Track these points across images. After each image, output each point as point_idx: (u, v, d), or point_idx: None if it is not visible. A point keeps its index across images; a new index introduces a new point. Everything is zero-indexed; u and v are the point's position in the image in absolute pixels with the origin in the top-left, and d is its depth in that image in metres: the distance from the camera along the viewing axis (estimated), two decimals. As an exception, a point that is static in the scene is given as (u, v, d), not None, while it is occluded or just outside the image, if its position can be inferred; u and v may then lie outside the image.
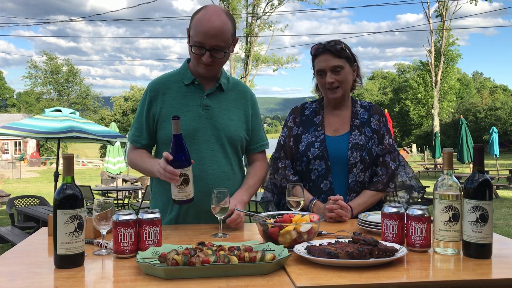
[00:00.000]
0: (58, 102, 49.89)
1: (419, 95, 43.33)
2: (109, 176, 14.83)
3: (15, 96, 66.06)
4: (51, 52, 54.44)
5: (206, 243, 1.43)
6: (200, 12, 1.97)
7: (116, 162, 12.68)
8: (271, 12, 33.15)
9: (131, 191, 13.71)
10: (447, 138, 44.28)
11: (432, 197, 1.58)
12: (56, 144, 8.95)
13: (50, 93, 52.90)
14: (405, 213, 1.57)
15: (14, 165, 28.83)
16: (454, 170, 10.87)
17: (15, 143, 40.43)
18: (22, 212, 7.49)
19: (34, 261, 1.44)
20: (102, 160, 34.01)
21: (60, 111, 8.08)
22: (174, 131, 1.74)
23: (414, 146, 39.76)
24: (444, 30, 35.40)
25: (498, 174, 17.19)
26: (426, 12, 35.36)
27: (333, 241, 1.48)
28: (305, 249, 1.44)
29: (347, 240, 1.48)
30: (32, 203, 8.08)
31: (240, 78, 32.49)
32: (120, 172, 14.10)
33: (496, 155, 16.70)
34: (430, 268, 1.38)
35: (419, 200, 2.25)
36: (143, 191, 11.91)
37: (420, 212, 1.52)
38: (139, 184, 13.61)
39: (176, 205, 1.89)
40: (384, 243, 1.45)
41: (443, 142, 38.29)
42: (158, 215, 1.52)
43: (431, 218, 1.54)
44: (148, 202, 2.62)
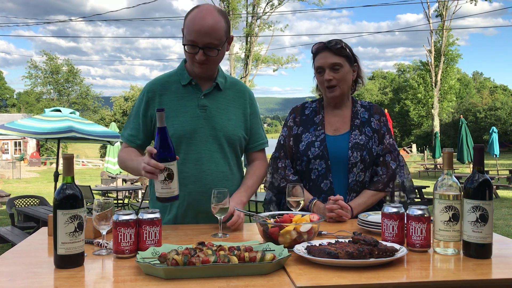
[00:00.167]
0: (58, 102, 49.89)
1: (419, 95, 43.32)
2: (109, 176, 14.83)
3: (15, 96, 66.08)
4: (51, 52, 54.53)
5: (206, 243, 1.43)
6: (193, 11, 1.98)
7: (116, 162, 12.67)
8: (271, 12, 33.16)
9: (131, 191, 13.71)
10: (447, 138, 44.28)
11: (432, 197, 1.57)
12: (56, 144, 8.95)
13: (50, 93, 52.92)
14: (405, 213, 1.57)
15: (14, 165, 28.83)
16: (454, 170, 10.88)
17: (15, 143, 40.43)
18: (22, 212, 7.49)
19: (34, 261, 1.44)
20: (102, 160, 34.01)
21: (59, 111, 8.09)
22: (159, 123, 1.69)
23: (414, 146, 39.77)
24: (444, 30, 35.40)
25: (498, 174, 17.19)
26: (426, 12, 35.36)
27: (333, 241, 1.48)
28: (305, 249, 1.44)
29: (347, 240, 1.48)
30: (32, 203, 8.08)
31: (240, 78, 32.48)
32: (120, 172, 14.10)
33: (496, 155, 16.70)
34: (430, 268, 1.38)
35: (409, 201, 2.24)
36: (143, 191, 11.91)
37: (420, 212, 1.52)
38: (139, 184, 13.62)
39: (160, 203, 1.80)
40: (384, 243, 1.45)
41: (443, 142, 38.31)
42: (158, 215, 1.52)
43: (431, 218, 1.54)
44: (148, 202, 2.62)
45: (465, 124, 16.37)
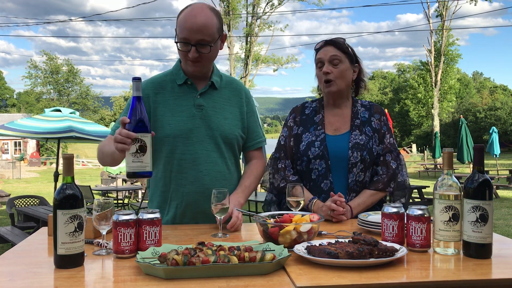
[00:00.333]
0: (58, 102, 49.89)
1: (419, 95, 43.33)
2: (109, 176, 14.84)
3: (15, 96, 66.09)
4: (51, 52, 54.57)
5: (206, 243, 1.43)
6: (185, 9, 1.98)
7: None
8: (271, 12, 33.15)
9: (131, 191, 13.71)
10: (447, 138, 44.28)
11: (432, 197, 1.57)
12: (56, 144, 8.94)
13: (50, 93, 52.94)
14: (405, 213, 1.57)
15: (14, 165, 28.84)
16: (454, 170, 10.88)
17: (15, 143, 40.43)
18: (22, 212, 7.49)
19: (34, 261, 1.44)
20: (102, 160, 33.91)
21: (60, 111, 8.09)
22: (135, 92, 1.62)
23: (414, 146, 39.76)
24: (444, 30, 35.39)
25: (498, 174, 17.19)
26: (426, 12, 35.35)
27: (333, 241, 1.48)
28: (305, 249, 1.44)
29: (347, 240, 1.48)
30: (32, 203, 8.08)
31: (240, 78, 32.48)
32: (120, 172, 14.11)
33: (496, 155, 16.70)
34: (430, 268, 1.38)
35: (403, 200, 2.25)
36: (143, 191, 11.91)
37: (420, 212, 1.52)
38: (139, 184, 13.62)
39: (131, 178, 1.70)
40: (384, 243, 1.45)
41: (443, 142, 38.31)
42: (158, 215, 1.52)
43: (431, 218, 1.54)
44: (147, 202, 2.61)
45: (465, 124, 16.37)
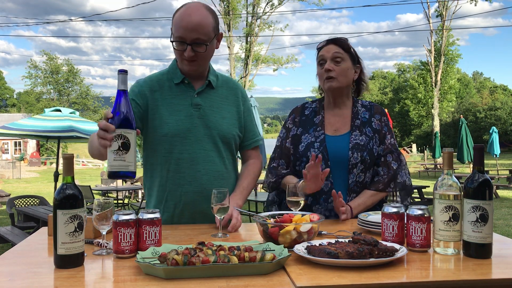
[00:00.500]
0: (58, 102, 49.85)
1: (419, 95, 43.33)
2: (109, 176, 14.79)
3: (15, 96, 66.09)
4: (51, 52, 54.52)
5: (206, 243, 1.43)
6: (180, 9, 1.98)
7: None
8: (271, 12, 33.16)
9: (131, 191, 13.70)
10: (447, 138, 44.27)
11: (432, 197, 1.57)
12: (56, 144, 8.94)
13: (50, 93, 52.90)
14: (405, 213, 1.57)
15: (14, 165, 28.84)
16: (454, 170, 10.88)
17: (15, 143, 40.43)
18: (22, 212, 7.49)
19: (34, 261, 1.44)
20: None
21: (59, 111, 8.09)
22: (121, 85, 1.52)
23: (414, 146, 39.76)
24: (444, 30, 35.40)
25: (498, 174, 17.18)
26: (426, 12, 35.37)
27: (333, 241, 1.48)
28: (305, 249, 1.44)
29: (347, 240, 1.48)
30: (32, 203, 8.08)
31: (240, 78, 32.48)
32: (120, 172, 14.01)
33: (496, 155, 16.70)
34: (430, 268, 1.38)
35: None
36: (143, 191, 11.89)
37: (420, 212, 1.52)
38: (139, 184, 13.61)
39: (112, 179, 1.64)
40: (384, 243, 1.45)
41: (443, 142, 38.30)
42: (158, 215, 1.52)
43: (431, 218, 1.54)
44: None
45: (465, 124, 16.36)
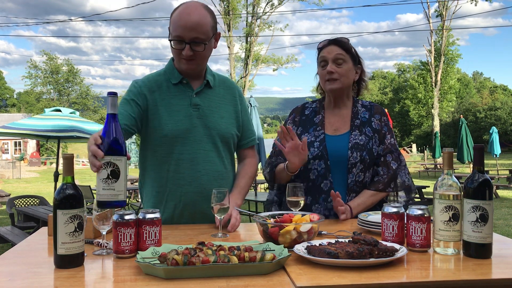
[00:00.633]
0: (58, 102, 49.85)
1: (419, 95, 43.32)
2: (109, 176, 14.79)
3: (15, 96, 66.10)
4: (51, 52, 54.53)
5: (206, 243, 1.43)
6: (178, 8, 1.97)
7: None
8: (271, 12, 33.16)
9: (131, 191, 13.71)
10: (447, 138, 44.29)
11: (432, 197, 1.57)
12: (56, 144, 8.95)
13: (50, 93, 52.89)
14: (405, 213, 1.57)
15: (14, 165, 28.84)
16: (454, 170, 10.88)
17: (15, 143, 40.43)
18: (22, 212, 7.49)
19: (34, 261, 1.44)
20: (102, 160, 33.90)
21: (60, 111, 8.08)
22: (110, 109, 1.45)
23: (414, 146, 39.77)
24: (444, 30, 35.39)
25: (498, 174, 17.18)
26: (426, 12, 35.36)
27: (333, 241, 1.48)
28: (305, 249, 1.44)
29: (347, 240, 1.48)
30: (32, 203, 8.09)
31: (240, 78, 32.48)
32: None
33: (496, 155, 16.70)
34: (430, 268, 1.38)
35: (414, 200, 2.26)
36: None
37: (420, 212, 1.52)
38: (139, 184, 13.58)
39: (101, 209, 1.47)
40: (384, 243, 1.45)
41: (443, 142, 38.32)
42: (158, 215, 1.52)
43: (431, 218, 1.54)
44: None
45: (465, 124, 16.37)
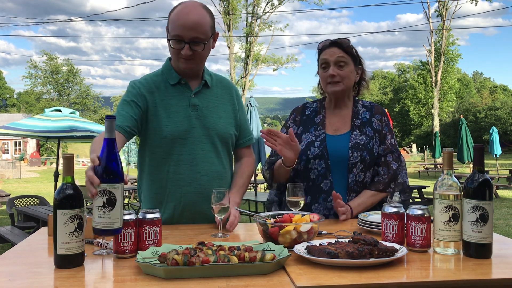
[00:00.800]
0: (58, 102, 49.87)
1: (419, 95, 43.33)
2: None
3: (15, 96, 66.06)
4: (51, 52, 54.56)
5: (206, 243, 1.43)
6: (177, 7, 1.97)
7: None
8: (271, 12, 33.17)
9: (131, 191, 13.71)
10: (447, 138, 44.30)
11: (432, 197, 1.57)
12: (56, 144, 8.95)
13: (50, 93, 52.92)
14: (405, 213, 1.57)
15: (14, 165, 28.85)
16: (454, 170, 10.88)
17: (15, 143, 40.43)
18: (22, 212, 7.49)
19: (34, 261, 1.44)
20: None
21: (60, 111, 8.09)
22: (107, 134, 1.40)
23: (414, 146, 39.79)
24: (444, 30, 35.40)
25: (498, 174, 17.19)
26: (426, 12, 35.38)
27: (333, 241, 1.48)
28: (305, 249, 1.44)
29: (347, 240, 1.48)
30: (32, 203, 8.08)
31: (240, 78, 32.49)
32: (120, 172, 14.01)
33: (496, 155, 16.70)
34: (430, 268, 1.38)
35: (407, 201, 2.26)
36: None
37: (420, 212, 1.52)
38: (139, 184, 13.58)
39: (97, 235, 1.42)
40: (384, 243, 1.45)
41: (443, 142, 38.33)
42: (158, 215, 1.52)
43: (431, 218, 1.54)
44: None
45: (465, 124, 16.37)
